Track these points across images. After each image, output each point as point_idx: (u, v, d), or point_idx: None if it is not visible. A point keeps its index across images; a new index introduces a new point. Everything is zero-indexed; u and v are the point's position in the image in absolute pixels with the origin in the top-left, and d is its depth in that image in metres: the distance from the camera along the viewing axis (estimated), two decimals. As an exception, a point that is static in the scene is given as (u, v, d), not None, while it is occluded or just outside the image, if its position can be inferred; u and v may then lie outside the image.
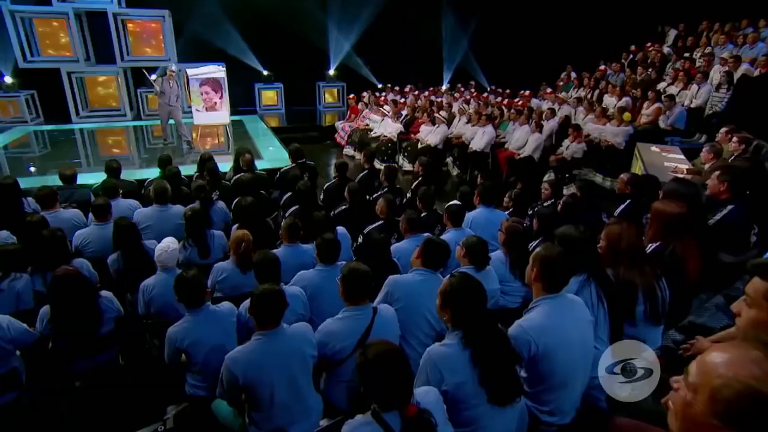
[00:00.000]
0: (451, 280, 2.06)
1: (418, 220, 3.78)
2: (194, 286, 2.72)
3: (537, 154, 8.56)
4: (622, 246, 2.53)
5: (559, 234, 2.49)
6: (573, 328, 2.09)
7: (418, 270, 2.91)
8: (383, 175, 5.33)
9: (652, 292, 2.50)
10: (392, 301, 2.73)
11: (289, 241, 3.78)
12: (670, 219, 2.80)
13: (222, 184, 5.36)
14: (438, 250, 2.92)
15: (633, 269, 2.51)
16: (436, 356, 1.96)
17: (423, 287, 2.79)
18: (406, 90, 12.92)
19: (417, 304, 2.75)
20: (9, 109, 11.32)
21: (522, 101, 10.74)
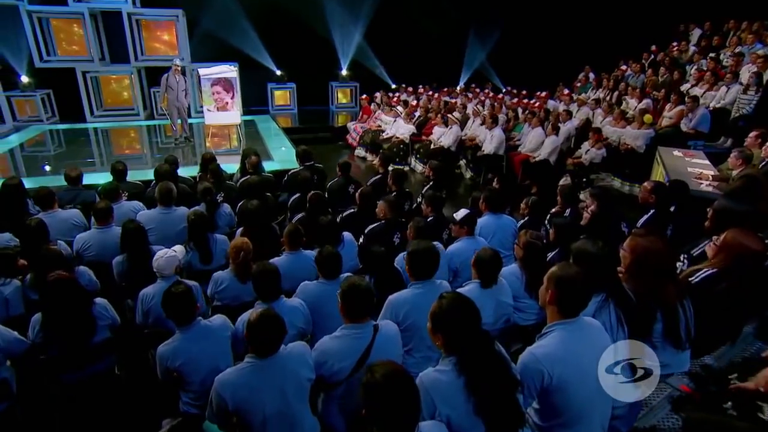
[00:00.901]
0: (441, 301, 1.90)
1: (425, 228, 3.60)
2: (182, 302, 2.59)
3: (553, 158, 8.31)
4: (649, 261, 2.33)
5: (576, 250, 2.30)
6: (591, 356, 1.90)
7: (414, 284, 2.76)
8: (391, 179, 5.16)
9: (672, 312, 2.30)
10: (398, 322, 2.56)
11: (291, 248, 3.65)
12: (746, 254, 2.56)
13: (226, 186, 5.26)
14: (421, 257, 2.76)
15: (655, 286, 2.32)
16: (428, 383, 1.81)
17: (423, 300, 2.63)
18: (419, 90, 12.72)
19: (422, 317, 2.58)
20: (26, 108, 11.44)
21: (538, 103, 10.46)
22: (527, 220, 4.59)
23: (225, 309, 3.45)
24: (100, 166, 8.52)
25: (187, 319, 2.63)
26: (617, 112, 8.29)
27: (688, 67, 9.62)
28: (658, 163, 6.57)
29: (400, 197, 5.09)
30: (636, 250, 2.33)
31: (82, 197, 4.91)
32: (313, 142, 11.22)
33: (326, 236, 3.84)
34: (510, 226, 4.20)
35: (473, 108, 10.11)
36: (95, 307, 2.93)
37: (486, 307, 2.88)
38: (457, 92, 12.63)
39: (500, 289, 2.97)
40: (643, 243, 2.36)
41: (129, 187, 5.22)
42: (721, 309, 2.55)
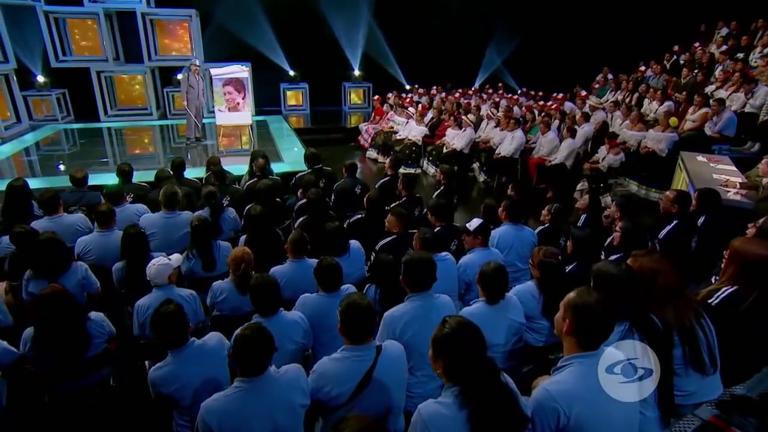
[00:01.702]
0: (444, 326, 1.74)
1: (432, 239, 3.43)
2: (172, 324, 2.41)
3: (570, 162, 8.06)
4: (658, 283, 2.14)
5: (597, 272, 2.10)
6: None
7: (411, 296, 2.61)
8: (401, 184, 5.00)
9: (690, 334, 2.11)
10: (396, 339, 2.41)
11: (294, 256, 3.51)
12: (755, 262, 2.37)
13: (231, 189, 5.14)
14: (416, 268, 2.61)
15: (666, 306, 2.13)
16: (427, 416, 1.65)
17: (420, 314, 2.50)
18: (432, 91, 12.53)
19: (420, 332, 2.43)
20: (42, 107, 11.54)
21: (555, 105, 10.20)
22: (548, 227, 4.40)
23: (225, 320, 3.34)
24: (113, 165, 8.47)
25: (179, 341, 2.46)
26: (635, 115, 8.00)
27: (716, 68, 9.26)
28: (680, 168, 6.30)
29: (409, 203, 4.94)
30: (643, 272, 2.15)
31: (87, 199, 4.84)
32: (324, 144, 11.15)
33: (332, 244, 3.71)
34: (529, 238, 3.99)
35: (487, 110, 9.88)
36: (90, 323, 2.82)
37: (496, 326, 2.72)
38: (471, 93, 12.40)
39: (510, 307, 2.80)
40: (647, 263, 2.17)
41: (134, 189, 5.14)
42: (748, 330, 2.35)
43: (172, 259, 3.10)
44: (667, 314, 2.07)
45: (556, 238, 4.46)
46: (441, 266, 3.08)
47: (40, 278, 3.34)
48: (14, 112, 10.69)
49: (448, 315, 1.83)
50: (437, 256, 3.42)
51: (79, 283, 3.46)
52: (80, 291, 3.49)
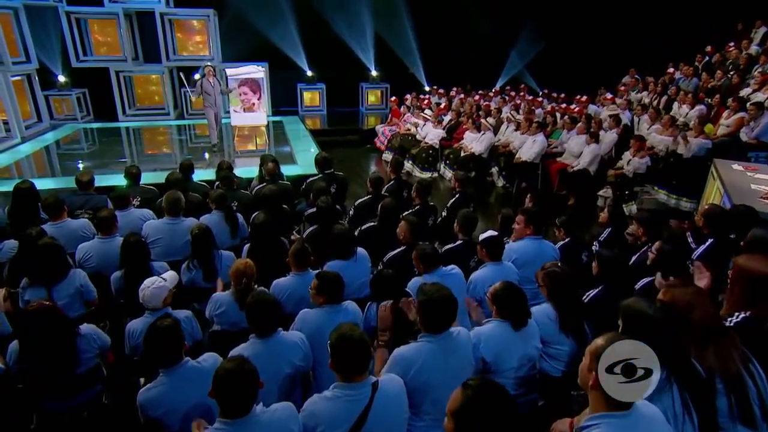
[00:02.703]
0: (466, 393, 1.48)
1: (432, 254, 3.20)
2: (167, 339, 2.27)
3: (593, 168, 7.72)
4: (695, 319, 1.87)
5: (627, 312, 1.83)
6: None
7: (426, 337, 2.31)
8: (415, 191, 4.77)
9: (737, 381, 1.83)
10: (406, 380, 2.18)
11: (297, 268, 3.33)
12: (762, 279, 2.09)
13: (239, 195, 4.99)
14: (436, 308, 2.29)
15: (706, 348, 1.86)
16: None
17: (438, 357, 2.24)
18: (451, 93, 12.25)
19: (436, 376, 2.20)
20: (62, 107, 11.68)
21: (578, 107, 9.82)
22: (568, 243, 4.12)
23: (224, 335, 3.18)
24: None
25: (173, 359, 2.32)
26: (667, 119, 7.59)
27: (754, 70, 8.75)
28: (713, 177, 5.91)
29: (423, 211, 4.72)
30: (677, 305, 1.88)
31: (94, 202, 4.74)
32: (340, 145, 11.01)
33: (339, 247, 3.54)
34: (550, 253, 3.72)
35: (507, 113, 9.57)
36: (80, 338, 2.68)
37: (511, 349, 2.50)
38: (491, 95, 12.08)
39: (527, 331, 2.56)
40: (682, 296, 1.90)
41: (142, 192, 5.04)
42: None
43: (167, 279, 2.94)
44: (708, 358, 1.80)
45: (577, 253, 4.19)
46: (447, 281, 2.87)
47: (36, 286, 3.24)
48: (36, 111, 10.83)
49: (469, 378, 1.58)
50: (443, 270, 3.22)
51: (78, 291, 3.35)
52: (78, 299, 3.38)
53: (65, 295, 3.28)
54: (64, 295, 3.28)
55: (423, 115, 9.73)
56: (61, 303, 3.13)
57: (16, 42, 10.15)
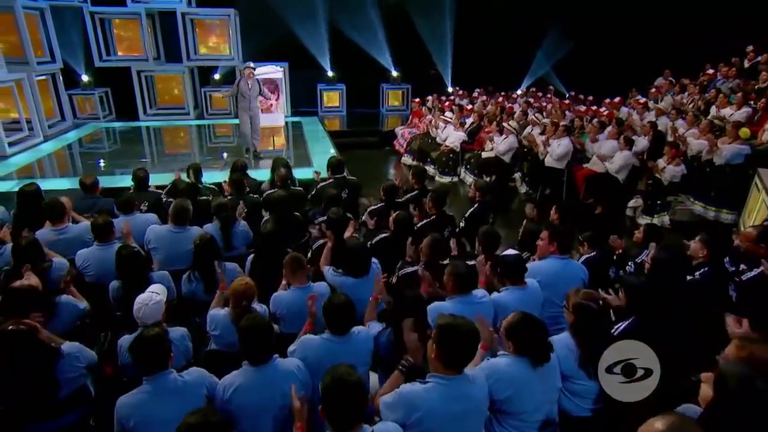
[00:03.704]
0: None
1: (469, 275, 2.91)
2: (154, 347, 2.20)
3: (623, 175, 7.30)
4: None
5: (727, 382, 1.41)
6: None
7: (438, 377, 2.02)
8: (431, 200, 4.49)
9: None
10: (405, 425, 1.92)
11: (296, 281, 3.12)
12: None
13: (249, 199, 4.80)
14: (457, 342, 2.00)
15: None
16: None
17: (448, 405, 1.97)
18: (474, 94, 11.90)
19: (447, 425, 1.94)
20: (85, 106, 11.80)
21: (608, 111, 9.37)
22: (595, 256, 3.80)
23: (220, 355, 2.99)
24: (152, 166, 8.39)
25: (157, 366, 2.23)
26: (705, 124, 7.11)
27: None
28: (758, 189, 5.47)
29: (439, 222, 4.44)
30: (755, 361, 1.55)
31: (101, 205, 4.63)
32: (359, 147, 10.80)
33: (353, 263, 3.31)
34: (578, 273, 3.40)
35: (531, 116, 9.19)
36: (62, 360, 2.50)
37: (529, 390, 2.22)
38: (515, 97, 11.67)
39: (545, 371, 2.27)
40: (763, 354, 1.57)
41: (150, 196, 4.90)
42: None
43: (159, 293, 2.75)
44: None
45: (604, 267, 3.86)
46: (476, 310, 2.61)
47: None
48: (59, 110, 10.95)
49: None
50: (472, 298, 2.92)
51: (70, 319, 3.16)
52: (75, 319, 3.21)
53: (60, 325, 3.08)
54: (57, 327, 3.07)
55: (443, 118, 9.43)
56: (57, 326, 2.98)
57: (42, 42, 10.27)
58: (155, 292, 2.74)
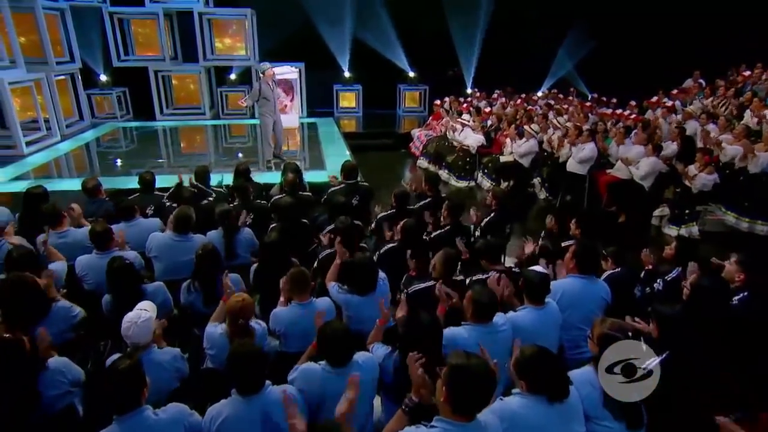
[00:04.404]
0: None
1: (490, 305, 2.67)
2: (124, 382, 2.01)
3: (649, 182, 6.93)
4: None
5: None
6: None
7: (445, 423, 1.80)
8: (446, 209, 4.26)
9: None
10: None
11: (297, 297, 2.94)
12: None
13: (256, 206, 4.65)
14: (470, 385, 1.79)
15: None
16: None
17: None
18: (493, 96, 11.59)
19: None
20: (104, 105, 11.89)
21: (633, 114, 8.98)
22: (618, 273, 3.53)
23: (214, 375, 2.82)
24: (167, 167, 8.34)
25: (128, 405, 2.03)
26: (741, 129, 6.71)
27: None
28: (797, 201, 5.10)
29: (453, 232, 4.21)
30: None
31: (105, 209, 4.54)
32: (374, 149, 10.61)
33: (358, 279, 3.12)
34: (600, 294, 3.14)
35: (551, 120, 8.87)
36: (46, 374, 2.37)
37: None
38: (535, 99, 11.33)
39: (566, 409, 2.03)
40: None
41: (156, 200, 4.79)
42: None
43: (149, 309, 2.60)
44: None
45: (629, 286, 3.58)
46: (495, 340, 2.46)
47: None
48: (77, 109, 11.04)
49: None
50: (493, 327, 2.68)
51: (65, 326, 3.03)
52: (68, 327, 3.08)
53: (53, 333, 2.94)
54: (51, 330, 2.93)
55: (461, 121, 9.16)
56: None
57: (62, 42, 10.37)
58: (144, 309, 2.58)
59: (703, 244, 6.21)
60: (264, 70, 7.76)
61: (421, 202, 4.90)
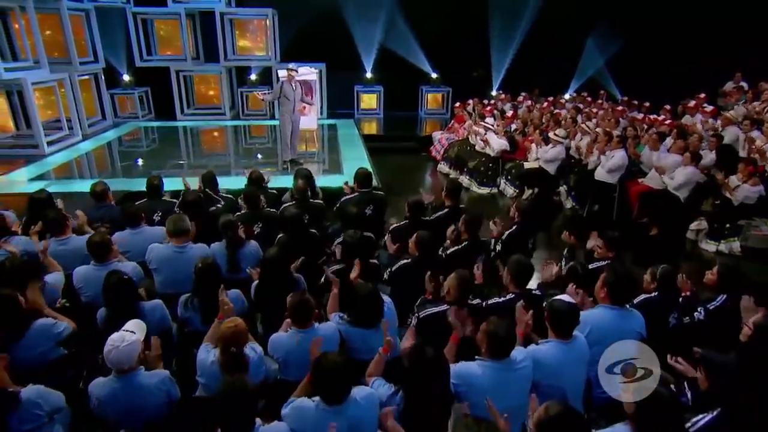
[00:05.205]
0: None
1: (508, 340, 2.38)
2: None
3: (685, 193, 6.48)
4: None
5: None
6: None
7: None
8: (463, 224, 3.96)
9: None
10: None
11: (298, 325, 2.70)
12: None
13: (265, 214, 4.45)
14: None
15: None
16: None
17: None
18: (518, 99, 11.17)
19: None
20: (126, 105, 11.97)
21: (670, 120, 8.48)
22: (655, 299, 3.18)
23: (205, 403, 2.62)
24: (188, 168, 8.27)
25: None
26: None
27: None
28: None
29: (471, 248, 3.93)
30: None
31: (112, 214, 4.41)
32: (394, 152, 10.35)
33: (360, 313, 2.84)
34: (636, 329, 2.79)
35: (580, 124, 8.45)
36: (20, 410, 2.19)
37: None
38: (563, 102, 10.87)
39: None
40: None
41: (163, 205, 4.64)
42: None
43: (136, 331, 2.41)
44: None
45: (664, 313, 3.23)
46: (513, 378, 2.22)
47: None
48: (100, 109, 11.13)
49: None
50: (511, 364, 2.40)
51: (47, 345, 2.86)
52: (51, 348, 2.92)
53: (34, 351, 2.80)
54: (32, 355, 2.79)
55: (484, 124, 8.82)
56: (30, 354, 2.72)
57: (86, 43, 10.47)
58: (130, 330, 2.40)
59: (744, 261, 5.76)
60: (286, 71, 7.71)
61: (437, 213, 4.62)
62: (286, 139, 7.88)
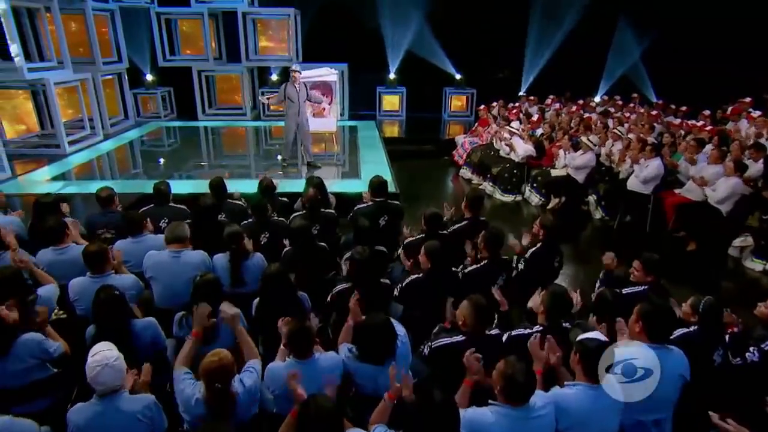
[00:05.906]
0: None
1: (525, 383, 2.07)
2: None
3: (727, 207, 6.00)
4: None
5: None
6: None
7: None
8: (482, 242, 3.65)
9: None
10: None
11: (296, 355, 2.46)
12: None
13: (273, 223, 4.23)
14: None
15: None
16: None
17: None
18: (546, 102, 10.72)
19: None
20: (149, 105, 12.02)
21: (710, 126, 7.93)
22: (695, 333, 2.82)
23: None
24: (208, 168, 8.17)
25: None
26: None
27: None
28: None
29: (491, 268, 3.61)
30: None
31: (116, 221, 4.26)
32: (414, 156, 10.07)
33: (368, 348, 2.55)
34: (678, 371, 2.46)
35: (612, 130, 7.99)
36: None
37: None
38: (593, 105, 10.37)
39: None
40: None
41: (170, 212, 4.48)
42: None
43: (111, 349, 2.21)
44: None
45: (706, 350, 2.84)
46: (529, 429, 1.94)
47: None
48: (123, 108, 11.20)
49: None
50: (529, 412, 2.11)
51: (33, 361, 2.70)
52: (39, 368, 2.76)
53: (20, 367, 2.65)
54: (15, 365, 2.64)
55: (509, 128, 8.45)
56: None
57: (110, 43, 10.53)
58: (106, 349, 2.21)
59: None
60: (291, 70, 7.59)
61: (455, 226, 4.31)
62: (288, 140, 7.82)
